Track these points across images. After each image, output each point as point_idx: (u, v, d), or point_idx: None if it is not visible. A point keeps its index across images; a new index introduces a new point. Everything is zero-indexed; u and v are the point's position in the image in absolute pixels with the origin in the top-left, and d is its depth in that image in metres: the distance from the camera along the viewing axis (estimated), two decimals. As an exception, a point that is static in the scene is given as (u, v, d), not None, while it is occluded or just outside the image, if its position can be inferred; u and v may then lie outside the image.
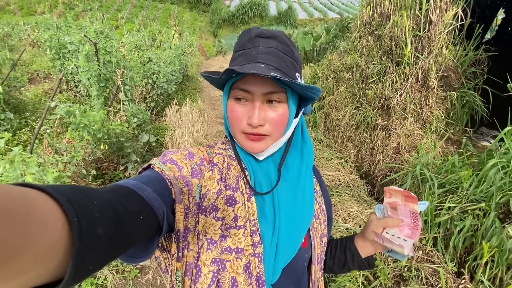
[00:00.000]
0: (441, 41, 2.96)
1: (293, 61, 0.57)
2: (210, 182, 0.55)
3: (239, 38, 0.58)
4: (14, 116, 3.31)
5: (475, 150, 2.38)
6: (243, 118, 0.55)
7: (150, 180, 0.49)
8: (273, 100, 0.55)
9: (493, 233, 1.61)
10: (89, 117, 1.97)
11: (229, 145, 0.64)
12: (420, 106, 3.06)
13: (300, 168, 0.63)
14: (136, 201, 0.42)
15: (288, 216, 0.59)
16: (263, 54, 0.54)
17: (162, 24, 21.22)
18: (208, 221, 0.53)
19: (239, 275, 0.53)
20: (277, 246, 0.57)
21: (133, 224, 0.38)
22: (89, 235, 0.28)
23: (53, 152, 2.09)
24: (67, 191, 0.28)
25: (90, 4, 24.45)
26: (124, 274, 2.23)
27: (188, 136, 4.25)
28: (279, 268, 0.57)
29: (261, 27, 0.61)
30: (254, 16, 29.95)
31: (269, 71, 0.50)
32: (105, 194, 0.35)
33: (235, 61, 0.56)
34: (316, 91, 0.54)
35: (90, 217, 0.29)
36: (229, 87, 0.56)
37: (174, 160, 0.55)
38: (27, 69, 6.49)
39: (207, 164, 0.59)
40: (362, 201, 2.66)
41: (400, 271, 1.74)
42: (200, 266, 0.52)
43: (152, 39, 8.96)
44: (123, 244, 0.35)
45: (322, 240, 0.66)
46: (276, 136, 0.57)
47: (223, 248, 0.53)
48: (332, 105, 4.28)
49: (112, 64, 2.91)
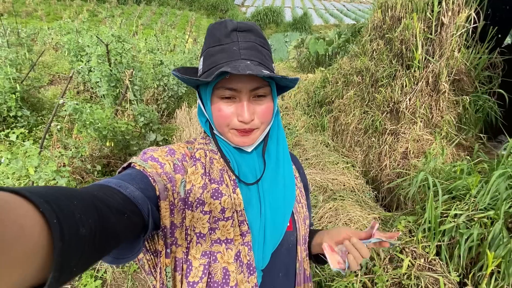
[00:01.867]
0: (453, 43, 2.87)
1: (269, 52, 0.59)
2: (194, 177, 0.56)
3: (211, 32, 0.57)
4: (31, 113, 3.49)
5: (486, 156, 2.26)
6: (232, 116, 0.56)
7: (132, 178, 0.49)
8: (258, 95, 0.56)
9: (500, 243, 1.52)
10: (95, 115, 2.05)
11: (209, 139, 0.64)
12: (430, 110, 2.97)
13: (277, 155, 0.65)
14: (119, 199, 0.41)
15: (272, 202, 0.61)
16: (244, 50, 0.54)
17: (180, 30, 21.80)
18: (196, 215, 0.54)
19: (230, 264, 0.54)
20: (265, 232, 0.58)
21: (117, 222, 0.37)
22: (72, 236, 0.27)
23: (61, 147, 2.18)
24: (44, 193, 0.28)
25: (113, 11, 25.55)
26: (124, 268, 2.26)
27: (196, 136, 4.30)
28: (268, 253, 0.59)
29: (276, 32, 0.58)
30: (270, 22, 30.26)
31: (258, 68, 0.52)
32: (86, 194, 0.35)
33: (213, 57, 0.55)
34: (297, 81, 0.57)
35: (71, 217, 0.28)
36: (212, 87, 0.55)
37: (155, 157, 0.55)
38: (49, 71, 6.84)
39: (189, 159, 0.59)
40: (366, 206, 2.58)
41: (399, 279, 1.67)
42: (191, 261, 0.53)
43: (167, 43, 9.22)
44: (108, 243, 0.35)
45: (305, 222, 0.69)
46: (264, 127, 0.59)
47: (212, 241, 0.54)
48: (341, 109, 4.22)
49: (122, 65, 3.01)
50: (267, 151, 0.64)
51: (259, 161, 0.63)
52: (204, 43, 0.59)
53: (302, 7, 36.62)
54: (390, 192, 2.85)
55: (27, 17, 20.38)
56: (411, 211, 2.25)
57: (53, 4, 24.99)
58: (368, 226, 0.74)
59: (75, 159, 2.10)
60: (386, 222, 2.26)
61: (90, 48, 4.59)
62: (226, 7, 34.13)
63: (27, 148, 2.18)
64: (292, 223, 0.66)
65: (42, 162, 1.90)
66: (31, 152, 2.14)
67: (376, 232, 0.63)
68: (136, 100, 2.99)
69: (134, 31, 11.83)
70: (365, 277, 1.75)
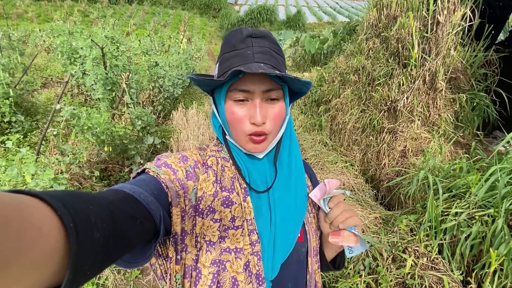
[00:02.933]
0: (449, 42, 2.89)
1: (282, 59, 0.60)
2: (205, 185, 0.56)
3: (227, 39, 0.58)
4: (26, 118, 3.42)
5: (485, 154, 2.29)
6: (245, 119, 0.56)
7: (146, 183, 0.49)
8: (271, 98, 0.57)
9: (502, 241, 1.53)
10: (92, 119, 2.01)
11: (221, 147, 0.64)
12: (427, 108, 2.99)
13: (290, 163, 0.64)
14: (132, 205, 0.42)
15: (283, 212, 0.60)
16: (258, 54, 0.55)
17: (173, 29, 21.63)
18: (206, 223, 0.54)
19: (239, 274, 0.54)
20: (274, 242, 0.58)
21: (130, 227, 0.37)
22: (87, 240, 0.27)
23: (58, 153, 2.14)
24: (62, 196, 0.28)
25: (104, 11, 25.23)
26: (125, 274, 2.24)
27: (194, 139, 4.27)
28: (277, 264, 0.58)
29: (270, 30, 0.59)
30: (263, 20, 30.17)
31: (271, 70, 0.52)
32: (101, 199, 0.35)
33: (228, 62, 0.56)
34: (309, 85, 0.57)
35: (87, 221, 0.28)
36: (225, 89, 0.56)
37: (169, 163, 0.55)
38: (42, 74, 6.72)
39: (201, 166, 0.59)
40: (367, 206, 2.59)
41: (403, 278, 1.68)
42: (200, 268, 0.53)
43: (161, 44, 9.13)
44: (121, 248, 0.35)
45: (317, 233, 0.68)
46: (275, 133, 0.59)
47: (222, 249, 0.54)
48: (338, 108, 4.23)
49: (118, 68, 2.97)
50: (279, 159, 0.63)
51: (270, 169, 0.63)
52: (220, 50, 0.61)
53: (296, 5, 36.63)
54: (389, 191, 2.86)
55: (18, 19, 20.01)
56: (412, 209, 2.26)
57: (43, 5, 24.58)
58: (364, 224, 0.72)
59: (72, 165, 2.07)
60: (388, 221, 2.27)
61: (83, 50, 4.53)
62: (219, 6, 33.94)
63: (23, 155, 2.13)
64: (303, 234, 0.64)
65: (38, 169, 1.86)
66: (27, 159, 2.09)
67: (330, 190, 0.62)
68: (133, 103, 2.95)
69: (127, 32, 11.69)
70: (369, 277, 1.75)
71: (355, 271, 1.84)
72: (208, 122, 5.35)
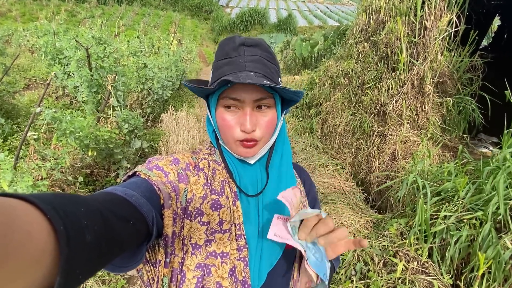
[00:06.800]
0: (436, 47, 2.94)
1: (275, 67, 0.60)
2: (196, 187, 0.56)
3: (220, 47, 0.59)
4: (6, 121, 3.28)
5: (471, 157, 2.32)
6: (235, 126, 0.56)
7: (138, 186, 0.49)
8: (262, 106, 0.57)
9: (489, 244, 1.54)
10: (75, 123, 1.93)
11: (214, 150, 0.64)
12: (416, 112, 3.02)
13: (280, 169, 0.64)
14: (124, 207, 0.41)
15: (271, 218, 0.58)
16: (250, 62, 0.55)
17: (164, 31, 21.43)
18: (193, 225, 0.53)
19: (224, 279, 0.52)
20: (262, 249, 0.57)
21: (122, 229, 0.37)
22: (78, 243, 0.27)
23: (39, 158, 2.04)
24: (51, 199, 0.28)
25: (92, 12, 24.77)
26: (110, 285, 2.15)
27: (183, 142, 4.19)
28: (264, 272, 0.57)
29: (262, 33, 0.55)
30: (255, 23, 30.29)
31: (260, 79, 0.52)
32: (92, 201, 0.35)
33: (220, 69, 0.56)
34: (301, 94, 0.57)
35: (78, 224, 0.28)
36: (217, 96, 0.57)
37: (160, 166, 0.55)
38: (25, 75, 6.50)
39: (192, 169, 0.60)
40: (358, 209, 2.59)
41: (394, 283, 1.67)
42: (185, 272, 0.52)
43: (151, 45, 9.01)
44: (113, 250, 0.34)
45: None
46: (266, 139, 0.59)
47: (208, 253, 0.53)
48: (329, 111, 4.24)
49: (104, 69, 2.88)
50: (271, 165, 0.63)
51: (262, 174, 0.62)
52: (214, 57, 0.61)
53: (287, 8, 36.95)
54: (380, 194, 2.87)
55: (1, 18, 19.40)
56: (402, 213, 2.27)
57: (28, 4, 23.90)
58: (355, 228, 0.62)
59: (54, 171, 1.97)
60: (378, 225, 2.27)
61: (68, 51, 4.40)
62: (210, 8, 33.88)
63: (0, 160, 2.02)
64: None
65: (17, 176, 1.77)
66: (4, 165, 1.99)
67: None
68: (119, 106, 2.87)
69: (115, 32, 11.49)
70: (360, 283, 1.74)
71: (347, 276, 1.82)
72: (198, 125, 5.28)
